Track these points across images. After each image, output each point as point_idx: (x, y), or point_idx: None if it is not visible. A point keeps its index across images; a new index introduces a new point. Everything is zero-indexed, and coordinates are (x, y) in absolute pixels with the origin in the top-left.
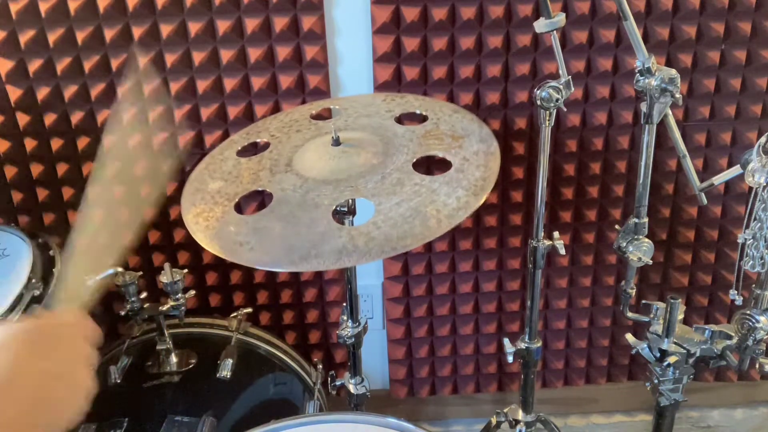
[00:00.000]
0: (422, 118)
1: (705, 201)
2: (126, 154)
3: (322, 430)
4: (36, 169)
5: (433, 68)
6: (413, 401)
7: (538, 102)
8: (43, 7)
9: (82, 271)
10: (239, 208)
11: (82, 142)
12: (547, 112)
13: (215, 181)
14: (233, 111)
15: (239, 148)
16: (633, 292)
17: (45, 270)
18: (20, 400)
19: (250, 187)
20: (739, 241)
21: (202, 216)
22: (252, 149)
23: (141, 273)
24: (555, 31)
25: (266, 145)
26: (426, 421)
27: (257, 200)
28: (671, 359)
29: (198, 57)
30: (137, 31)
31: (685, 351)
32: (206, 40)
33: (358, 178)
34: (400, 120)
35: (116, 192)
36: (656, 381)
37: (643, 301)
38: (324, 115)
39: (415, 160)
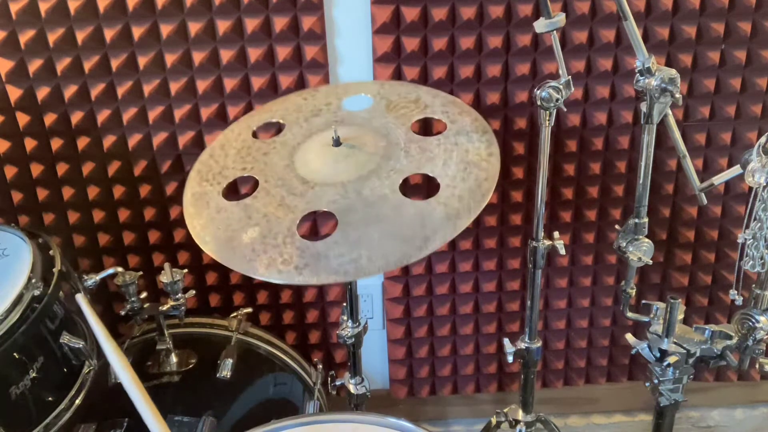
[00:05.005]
0: (367, 101)
1: (705, 201)
2: None
3: (322, 430)
4: (36, 169)
5: (433, 68)
6: (413, 401)
7: (538, 102)
8: (43, 7)
9: None
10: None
11: (82, 142)
12: (547, 112)
13: (247, 232)
14: (233, 111)
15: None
16: (633, 292)
17: (45, 270)
18: None
19: (295, 215)
20: (739, 241)
21: (277, 263)
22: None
23: (141, 273)
24: (555, 31)
25: (251, 179)
26: (426, 421)
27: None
28: (671, 359)
29: (198, 57)
30: (137, 31)
31: (685, 351)
32: (206, 40)
33: (389, 161)
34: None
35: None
36: (656, 381)
37: (643, 301)
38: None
39: (410, 128)
